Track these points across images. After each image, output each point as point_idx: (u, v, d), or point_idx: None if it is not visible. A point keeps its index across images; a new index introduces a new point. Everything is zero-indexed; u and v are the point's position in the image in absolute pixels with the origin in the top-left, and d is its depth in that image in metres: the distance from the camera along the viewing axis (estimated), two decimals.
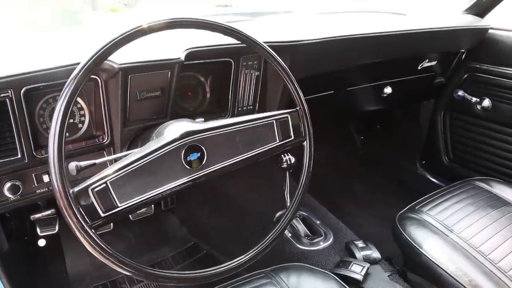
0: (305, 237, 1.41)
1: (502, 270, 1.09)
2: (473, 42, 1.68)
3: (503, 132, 1.71)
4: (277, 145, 0.89)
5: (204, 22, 0.79)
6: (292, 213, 0.90)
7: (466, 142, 1.86)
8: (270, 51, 0.88)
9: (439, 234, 1.19)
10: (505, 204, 1.32)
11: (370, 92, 1.63)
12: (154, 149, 0.75)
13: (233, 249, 0.89)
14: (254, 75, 1.19)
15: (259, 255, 0.87)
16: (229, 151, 0.83)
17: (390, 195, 1.94)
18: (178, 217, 1.72)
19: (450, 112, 1.90)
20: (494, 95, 1.69)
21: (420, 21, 1.59)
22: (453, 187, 1.43)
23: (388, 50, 1.46)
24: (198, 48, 1.00)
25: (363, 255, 1.29)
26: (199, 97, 1.20)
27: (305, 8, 1.73)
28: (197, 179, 0.79)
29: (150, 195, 0.74)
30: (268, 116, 0.88)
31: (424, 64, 1.64)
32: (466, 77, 1.77)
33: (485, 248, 1.15)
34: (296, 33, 1.22)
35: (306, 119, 0.92)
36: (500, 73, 1.64)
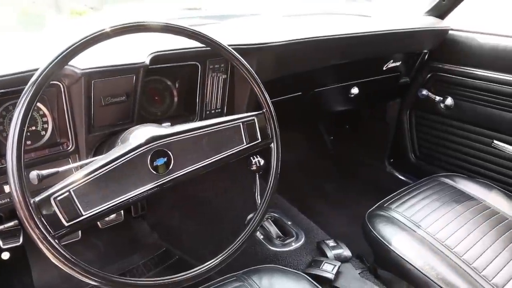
0: (277, 238, 1.41)
1: (467, 263, 1.12)
2: (434, 43, 1.73)
3: (465, 129, 1.77)
4: (244, 147, 0.89)
5: (167, 26, 0.78)
6: (261, 215, 0.90)
7: (431, 139, 1.92)
8: (235, 54, 0.88)
9: (407, 230, 1.22)
10: (468, 199, 1.37)
11: (338, 92, 1.66)
12: (119, 155, 0.74)
13: (206, 253, 0.89)
14: (221, 78, 1.19)
15: (230, 258, 0.87)
16: (196, 155, 0.83)
17: (360, 194, 1.98)
18: (149, 223, 1.70)
19: (415, 111, 1.95)
20: (456, 94, 1.75)
21: (384, 22, 1.63)
22: (420, 184, 1.47)
23: (353, 51, 1.49)
24: (163, 52, 0.99)
25: (334, 254, 1.31)
26: (166, 101, 1.19)
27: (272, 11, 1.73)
28: (164, 184, 0.78)
29: (116, 202, 0.73)
30: (235, 119, 0.88)
31: (389, 64, 1.68)
32: (429, 76, 1.82)
33: (451, 242, 1.18)
34: (262, 36, 1.22)
35: (273, 121, 0.92)
36: (461, 73, 1.70)
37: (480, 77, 1.64)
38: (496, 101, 1.61)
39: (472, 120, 1.73)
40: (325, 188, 2.13)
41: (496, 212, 1.32)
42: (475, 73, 1.65)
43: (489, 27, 1.68)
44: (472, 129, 1.74)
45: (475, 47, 1.66)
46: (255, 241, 1.42)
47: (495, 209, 1.33)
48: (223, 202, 1.69)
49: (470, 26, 1.73)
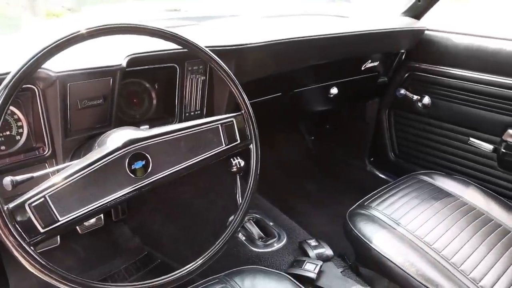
0: (259, 239, 1.42)
1: (446, 258, 1.14)
2: (411, 43, 1.76)
3: (442, 128, 1.80)
4: (223, 149, 0.89)
5: (143, 28, 0.77)
6: (241, 216, 0.90)
7: (409, 138, 1.95)
8: (212, 55, 0.88)
9: (387, 228, 1.24)
10: (446, 196, 1.39)
11: (317, 93, 1.67)
12: (96, 159, 0.73)
13: (188, 256, 0.89)
14: (200, 79, 1.18)
15: (211, 260, 0.87)
16: (174, 158, 0.82)
17: (341, 193, 2.00)
18: (130, 227, 1.68)
19: (394, 110, 1.98)
20: (433, 93, 1.78)
21: (362, 23, 1.65)
22: (399, 182, 1.49)
23: (332, 52, 1.50)
24: (140, 54, 0.98)
25: (316, 253, 1.31)
26: (145, 104, 1.18)
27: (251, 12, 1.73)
28: (143, 187, 0.78)
29: (94, 206, 0.72)
30: (213, 121, 0.88)
31: (367, 64, 1.70)
32: (407, 76, 1.85)
33: (430, 239, 1.20)
34: (241, 37, 1.22)
35: (251, 122, 0.92)
36: (437, 72, 1.73)
37: (456, 76, 1.67)
38: (472, 100, 1.65)
39: (448, 118, 1.76)
40: (307, 188, 2.14)
41: (473, 208, 1.34)
42: (450, 72, 1.69)
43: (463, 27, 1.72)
44: (449, 127, 1.78)
45: (450, 47, 1.69)
46: (237, 242, 1.41)
47: (472, 205, 1.36)
48: (204, 204, 1.68)
49: (445, 26, 1.77)
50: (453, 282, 1.08)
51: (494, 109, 1.59)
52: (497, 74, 1.56)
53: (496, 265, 1.14)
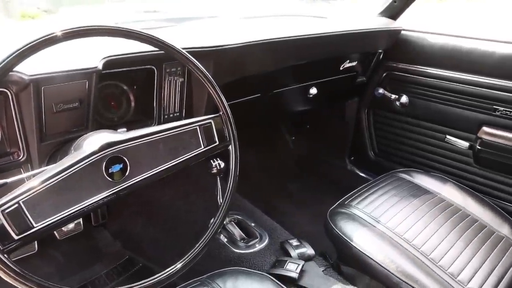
0: (240, 241, 1.41)
1: (425, 254, 1.16)
2: (388, 42, 1.79)
3: (420, 126, 1.83)
4: (202, 151, 0.88)
5: (119, 30, 0.76)
6: (221, 218, 0.90)
7: (388, 136, 1.97)
8: (189, 57, 0.87)
9: (368, 226, 1.25)
10: (424, 193, 1.42)
11: (297, 93, 1.68)
12: (71, 163, 0.72)
13: (170, 259, 0.88)
14: (178, 81, 1.18)
15: (192, 262, 0.86)
16: (153, 161, 0.82)
17: (323, 192, 2.01)
18: (110, 231, 1.66)
19: (373, 109, 2.00)
20: (410, 92, 1.80)
21: (340, 23, 1.66)
22: (379, 180, 1.50)
23: (310, 52, 1.51)
24: (116, 56, 0.97)
25: (297, 253, 1.32)
26: (123, 106, 1.16)
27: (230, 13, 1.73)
28: (121, 191, 0.77)
29: (70, 211, 0.71)
30: (191, 123, 0.87)
31: (345, 64, 1.72)
32: (385, 75, 1.88)
33: (409, 236, 1.22)
34: (219, 38, 1.22)
35: (230, 124, 0.92)
36: (414, 71, 1.76)
37: (432, 75, 1.71)
38: (448, 98, 1.68)
39: (426, 116, 1.79)
40: (288, 188, 2.15)
41: (450, 204, 1.37)
42: (427, 72, 1.72)
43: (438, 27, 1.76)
44: (427, 125, 1.81)
45: (426, 47, 1.72)
46: (219, 244, 1.41)
47: (449, 202, 1.38)
48: (185, 206, 1.67)
49: (421, 26, 1.80)
50: (432, 277, 1.10)
51: (469, 107, 1.63)
52: (471, 73, 1.59)
53: (473, 260, 1.16)
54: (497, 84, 1.52)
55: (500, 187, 1.63)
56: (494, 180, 1.64)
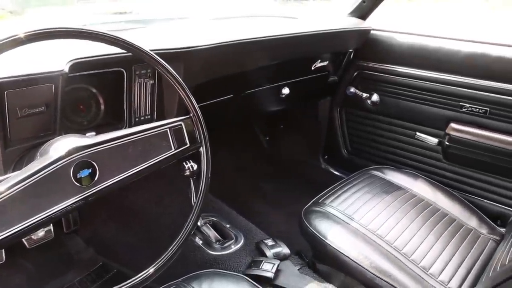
0: (216, 242, 1.41)
1: (397, 249, 1.19)
2: (358, 42, 1.81)
3: (391, 124, 1.86)
4: (173, 153, 0.87)
5: (84, 32, 0.75)
6: (193, 221, 0.89)
7: (361, 135, 2.00)
8: (157, 58, 0.86)
9: (342, 223, 1.26)
10: (396, 189, 1.44)
11: (269, 93, 1.68)
12: (37, 170, 0.70)
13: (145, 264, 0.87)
14: (149, 83, 1.16)
15: (165, 265, 0.85)
16: (122, 164, 0.80)
17: (298, 191, 2.01)
18: (83, 238, 1.62)
19: (345, 108, 2.03)
20: (381, 90, 1.84)
21: (310, 23, 1.67)
22: (352, 178, 1.53)
23: (281, 53, 1.52)
24: (83, 59, 0.95)
25: (273, 253, 1.32)
26: (92, 110, 1.14)
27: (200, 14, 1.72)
28: (90, 196, 0.75)
29: (37, 219, 0.69)
30: (161, 125, 0.86)
31: (317, 64, 1.73)
32: (356, 74, 1.90)
33: (382, 231, 1.24)
34: (189, 39, 1.21)
35: (201, 125, 0.91)
36: (384, 70, 1.79)
37: (401, 74, 1.74)
38: (417, 96, 1.72)
39: (396, 114, 1.83)
40: (263, 188, 2.16)
41: (421, 199, 1.40)
42: (396, 70, 1.75)
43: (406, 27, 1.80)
44: (397, 123, 1.84)
45: (394, 46, 1.75)
46: (194, 246, 1.40)
47: (420, 197, 1.42)
48: (159, 209, 1.65)
49: (390, 26, 1.83)
50: (404, 271, 1.12)
51: (438, 104, 1.67)
52: (438, 71, 1.63)
53: (443, 253, 1.20)
54: (463, 81, 1.57)
55: (468, 181, 1.68)
56: (462, 175, 1.69)
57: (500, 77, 1.48)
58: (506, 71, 1.47)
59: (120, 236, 1.62)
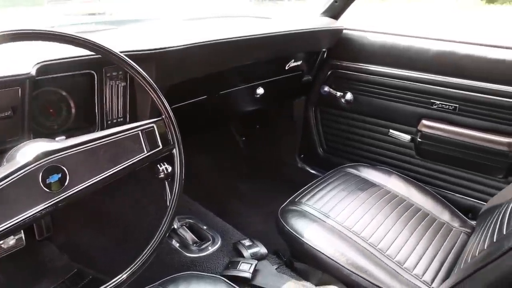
0: (193, 244, 1.40)
1: (373, 245, 1.21)
2: (331, 41, 1.83)
3: (365, 122, 1.89)
4: (145, 156, 0.86)
5: (49, 34, 0.73)
6: (167, 224, 0.88)
7: (336, 133, 2.02)
8: (127, 60, 0.85)
9: (318, 221, 1.27)
10: (371, 186, 1.47)
11: (244, 94, 1.68)
12: (3, 176, 0.67)
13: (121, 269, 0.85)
14: (120, 85, 1.15)
15: (140, 269, 0.84)
16: (93, 169, 0.79)
17: (275, 191, 2.01)
18: (56, 244, 1.58)
19: (320, 107, 2.04)
20: (354, 89, 1.86)
21: (284, 23, 1.68)
22: (327, 176, 1.54)
23: (254, 53, 1.52)
24: (51, 61, 0.93)
25: (250, 253, 1.32)
26: (63, 113, 1.11)
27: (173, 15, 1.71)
28: (60, 202, 0.73)
29: (4, 227, 0.67)
30: (133, 128, 0.85)
31: (290, 64, 1.74)
32: (330, 74, 1.92)
33: (358, 228, 1.26)
34: (162, 40, 1.20)
35: (173, 127, 0.91)
36: (357, 69, 1.82)
37: (374, 72, 1.77)
38: (389, 94, 1.75)
39: (370, 112, 1.86)
40: (240, 188, 2.15)
41: (395, 195, 1.43)
42: (369, 69, 1.78)
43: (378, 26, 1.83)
44: (371, 121, 1.87)
45: (367, 45, 1.78)
46: (170, 249, 1.39)
47: (394, 193, 1.44)
48: (135, 213, 1.63)
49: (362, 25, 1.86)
50: (380, 266, 1.14)
51: (409, 101, 1.70)
52: (409, 69, 1.67)
53: (417, 247, 1.22)
54: (433, 79, 1.60)
55: (440, 176, 1.72)
56: (434, 170, 1.73)
57: (468, 74, 1.53)
58: (474, 69, 1.51)
59: (96, 242, 1.59)
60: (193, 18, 1.63)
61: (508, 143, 1.49)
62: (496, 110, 1.50)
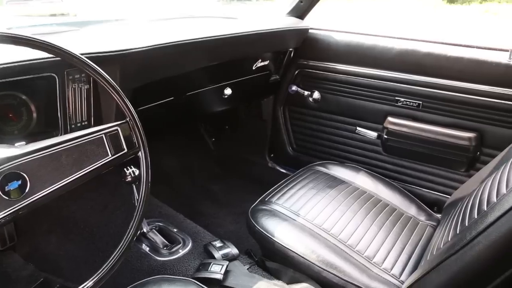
0: (163, 248, 1.38)
1: (343, 242, 1.22)
2: (297, 41, 1.85)
3: (332, 120, 1.92)
4: (110, 159, 0.85)
5: (2, 35, 0.70)
6: (134, 228, 0.87)
7: (305, 132, 2.04)
8: (88, 62, 0.83)
9: (288, 220, 1.28)
10: (340, 183, 1.49)
11: (212, 94, 1.67)
12: None
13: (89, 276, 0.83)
14: (84, 88, 1.12)
15: (107, 275, 0.83)
16: (55, 174, 0.76)
17: (245, 191, 2.02)
18: (21, 254, 1.53)
19: (288, 106, 2.06)
20: (321, 88, 1.88)
21: (250, 24, 1.68)
22: (297, 175, 1.55)
23: (220, 53, 1.51)
24: (8, 65, 0.90)
25: (221, 254, 1.31)
26: (23, 118, 1.08)
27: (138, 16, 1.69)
28: (20, 210, 0.71)
29: None
30: (96, 131, 0.83)
31: (258, 64, 1.75)
32: (297, 73, 1.94)
33: (327, 225, 1.27)
34: (125, 41, 1.18)
35: (138, 130, 0.89)
36: (323, 68, 1.84)
37: (340, 71, 1.80)
38: (355, 92, 1.78)
39: (337, 111, 1.88)
40: (211, 189, 2.14)
41: (363, 192, 1.45)
42: (335, 68, 1.81)
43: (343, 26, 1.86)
44: (338, 119, 1.90)
45: (332, 44, 1.81)
46: (140, 254, 1.36)
47: (362, 189, 1.47)
48: (103, 218, 1.59)
49: (328, 25, 1.88)
50: (350, 262, 1.16)
51: (375, 99, 1.74)
52: (374, 67, 1.70)
53: (386, 242, 1.25)
54: (397, 77, 1.64)
55: (406, 172, 1.76)
56: (400, 166, 1.77)
57: (430, 72, 1.57)
58: (435, 66, 1.56)
59: (62, 249, 1.54)
60: (159, 19, 1.61)
61: (469, 138, 1.54)
62: (457, 106, 1.55)
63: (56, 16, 1.87)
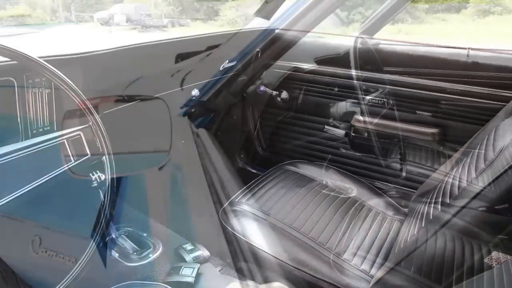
0: (133, 253, 1.35)
1: (313, 239, 1.23)
2: (264, 41, 1.85)
3: (301, 119, 1.94)
4: (73, 165, 0.82)
5: None
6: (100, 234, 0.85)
7: (274, 131, 2.05)
8: (45, 65, 0.80)
9: (259, 220, 1.28)
10: (309, 182, 1.50)
11: (179, 96, 1.65)
12: None
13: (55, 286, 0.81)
14: (45, 93, 1.08)
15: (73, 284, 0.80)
16: (15, 182, 0.74)
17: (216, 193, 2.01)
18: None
19: (257, 106, 2.06)
20: (289, 87, 1.90)
21: None
22: (267, 175, 1.56)
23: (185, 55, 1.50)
24: None
25: (193, 257, 1.31)
26: None
27: None
28: None
29: None
30: (57, 137, 0.81)
31: (224, 65, 1.74)
32: (265, 73, 1.94)
33: (298, 224, 1.28)
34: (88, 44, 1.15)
35: (102, 134, 0.87)
36: (290, 68, 1.85)
37: (306, 71, 1.82)
38: (322, 91, 1.81)
39: (305, 110, 1.90)
40: (182, 192, 2.11)
41: (332, 189, 1.47)
42: (302, 67, 1.82)
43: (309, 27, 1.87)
44: (307, 118, 1.92)
45: (299, 44, 1.82)
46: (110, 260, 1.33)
47: (332, 187, 1.49)
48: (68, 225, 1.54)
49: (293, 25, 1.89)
50: (321, 259, 1.17)
51: (342, 98, 1.77)
52: (340, 67, 1.73)
53: (355, 237, 1.27)
54: (361, 75, 1.67)
55: (373, 168, 1.80)
56: (368, 163, 1.81)
57: (393, 70, 1.61)
58: (398, 65, 1.60)
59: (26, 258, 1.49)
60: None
61: (432, 133, 1.59)
62: (419, 103, 1.59)
63: (14, 17, 1.80)
